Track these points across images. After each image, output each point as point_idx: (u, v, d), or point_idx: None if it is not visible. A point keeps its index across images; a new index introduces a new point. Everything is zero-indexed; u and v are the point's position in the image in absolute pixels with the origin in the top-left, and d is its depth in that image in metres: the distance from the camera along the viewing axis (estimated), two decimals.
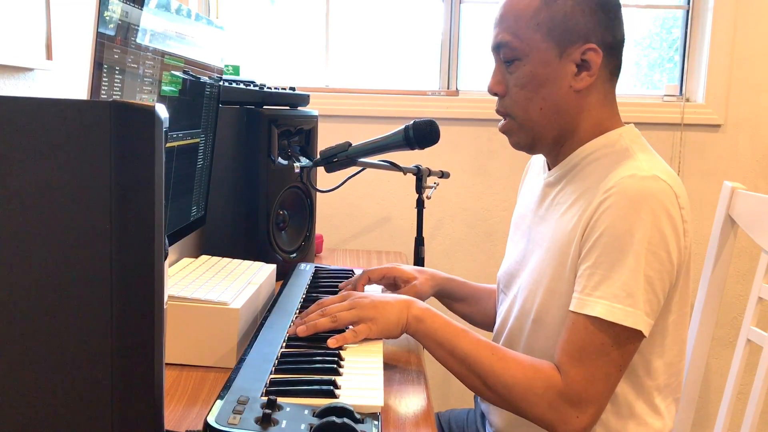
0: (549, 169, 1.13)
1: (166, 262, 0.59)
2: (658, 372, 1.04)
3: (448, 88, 2.24)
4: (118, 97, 0.94)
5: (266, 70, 2.27)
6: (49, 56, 1.30)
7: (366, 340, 1.02)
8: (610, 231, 0.94)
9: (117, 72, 0.93)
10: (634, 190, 0.94)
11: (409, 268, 1.34)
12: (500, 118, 1.12)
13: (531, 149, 1.13)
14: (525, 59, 1.04)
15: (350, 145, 1.51)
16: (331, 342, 0.99)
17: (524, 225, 1.19)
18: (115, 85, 0.93)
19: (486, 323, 1.36)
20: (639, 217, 0.93)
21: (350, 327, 1.03)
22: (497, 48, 1.07)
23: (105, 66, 0.89)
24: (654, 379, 1.04)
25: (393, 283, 1.33)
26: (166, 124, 0.56)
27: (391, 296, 1.07)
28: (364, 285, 1.29)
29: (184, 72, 1.18)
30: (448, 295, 1.37)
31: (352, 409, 0.76)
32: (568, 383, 0.94)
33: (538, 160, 1.23)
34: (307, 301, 1.21)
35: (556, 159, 1.12)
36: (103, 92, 0.90)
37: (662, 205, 0.94)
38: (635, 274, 0.93)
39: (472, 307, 1.37)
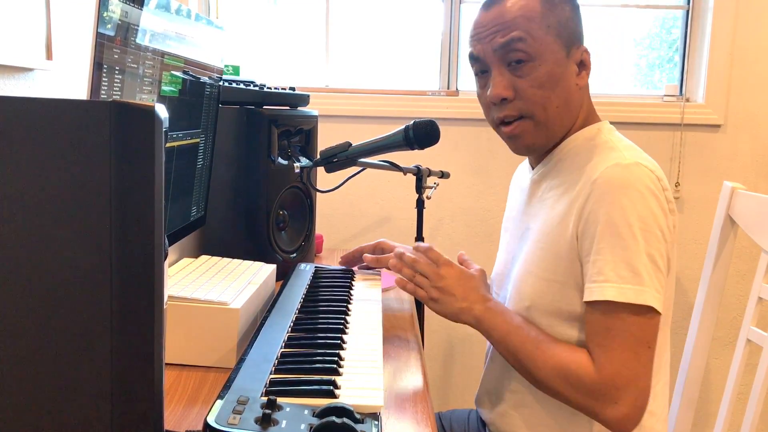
0: (533, 168, 1.19)
1: (166, 262, 0.59)
2: None
3: (448, 88, 2.24)
4: (118, 97, 0.94)
5: (266, 70, 2.27)
6: (49, 56, 1.30)
7: (369, 335, 1.03)
8: (605, 219, 0.98)
9: (117, 72, 0.93)
10: (619, 177, 1.00)
11: (398, 245, 1.39)
12: None
13: (539, 150, 1.15)
14: (539, 59, 1.06)
15: (350, 145, 1.51)
16: (394, 278, 1.16)
17: (512, 226, 1.23)
18: (115, 85, 0.93)
19: None
20: (629, 200, 0.98)
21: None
22: (505, 49, 1.06)
23: (105, 66, 0.89)
24: None
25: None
26: (166, 124, 0.56)
27: (461, 289, 1.12)
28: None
29: (184, 72, 1.18)
30: None
31: (352, 409, 0.76)
32: (599, 370, 0.97)
33: (522, 165, 1.29)
34: (307, 301, 1.21)
35: (541, 156, 1.17)
36: (102, 92, 0.90)
37: (647, 187, 0.99)
38: (637, 254, 0.97)
39: None
